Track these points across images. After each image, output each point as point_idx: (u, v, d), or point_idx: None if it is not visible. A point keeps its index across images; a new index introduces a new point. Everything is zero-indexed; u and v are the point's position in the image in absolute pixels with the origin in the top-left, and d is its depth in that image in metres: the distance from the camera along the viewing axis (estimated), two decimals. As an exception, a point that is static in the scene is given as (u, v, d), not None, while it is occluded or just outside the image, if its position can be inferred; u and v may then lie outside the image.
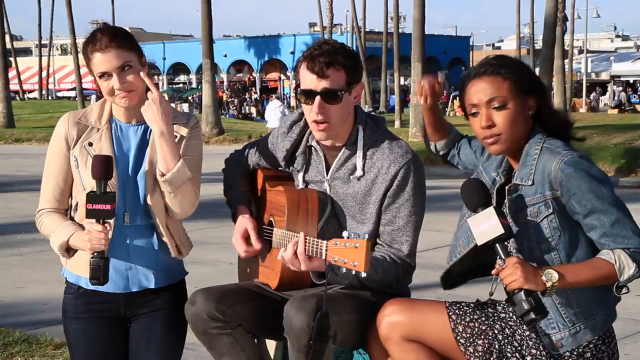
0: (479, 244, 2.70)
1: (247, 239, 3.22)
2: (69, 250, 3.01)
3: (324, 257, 2.75)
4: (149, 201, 2.99)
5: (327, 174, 3.16)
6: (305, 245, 2.85)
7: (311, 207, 3.08)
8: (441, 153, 3.35)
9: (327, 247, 2.74)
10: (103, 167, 2.86)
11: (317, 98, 3.02)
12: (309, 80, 3.02)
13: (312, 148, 3.21)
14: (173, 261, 3.12)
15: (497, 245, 2.66)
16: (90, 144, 3.01)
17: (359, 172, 3.09)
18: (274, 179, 3.32)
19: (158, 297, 3.10)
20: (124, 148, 3.04)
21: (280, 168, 3.33)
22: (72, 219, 3.06)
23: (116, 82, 2.93)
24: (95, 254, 2.86)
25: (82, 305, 3.08)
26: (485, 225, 2.66)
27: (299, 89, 3.08)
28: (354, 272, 2.68)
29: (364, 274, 2.65)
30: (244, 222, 3.23)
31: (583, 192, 2.66)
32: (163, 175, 2.93)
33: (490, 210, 2.67)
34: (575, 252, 2.72)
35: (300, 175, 3.22)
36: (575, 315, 2.73)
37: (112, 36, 2.94)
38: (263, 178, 3.36)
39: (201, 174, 3.13)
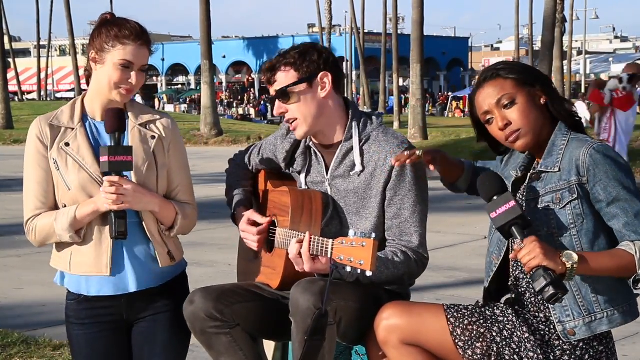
0: (496, 228, 2.70)
1: (254, 224, 3.22)
2: (79, 232, 2.95)
3: (329, 255, 2.75)
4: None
5: (327, 174, 3.17)
6: (310, 245, 2.85)
7: (315, 208, 3.08)
8: (465, 189, 3.23)
9: (332, 245, 2.74)
10: (117, 119, 2.86)
11: (276, 103, 3.12)
12: (270, 90, 3.16)
13: (311, 149, 3.22)
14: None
15: (513, 228, 2.65)
16: (67, 144, 2.97)
17: (358, 168, 3.09)
18: (277, 179, 3.33)
19: (160, 298, 3.07)
20: (101, 145, 2.98)
21: (281, 170, 3.34)
22: None
23: (134, 78, 2.94)
24: (114, 212, 2.83)
25: (84, 311, 3.05)
26: (503, 209, 2.67)
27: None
28: (359, 272, 2.68)
29: (369, 273, 2.65)
30: (246, 213, 3.26)
31: (610, 179, 2.67)
32: (168, 230, 3.02)
33: (508, 195, 2.69)
34: (597, 240, 2.72)
35: (302, 176, 3.22)
36: (592, 304, 2.73)
37: (143, 32, 2.98)
38: (266, 179, 3.37)
39: (191, 177, 3.15)
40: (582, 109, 23.62)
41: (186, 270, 3.24)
